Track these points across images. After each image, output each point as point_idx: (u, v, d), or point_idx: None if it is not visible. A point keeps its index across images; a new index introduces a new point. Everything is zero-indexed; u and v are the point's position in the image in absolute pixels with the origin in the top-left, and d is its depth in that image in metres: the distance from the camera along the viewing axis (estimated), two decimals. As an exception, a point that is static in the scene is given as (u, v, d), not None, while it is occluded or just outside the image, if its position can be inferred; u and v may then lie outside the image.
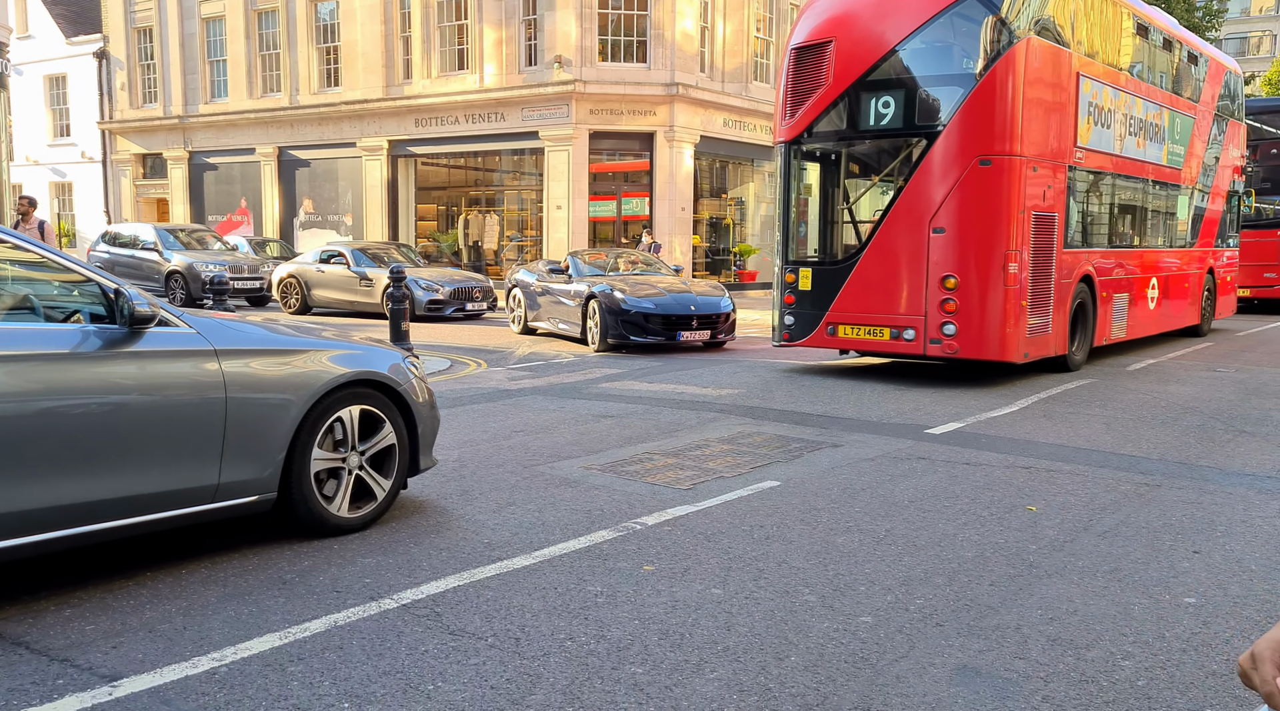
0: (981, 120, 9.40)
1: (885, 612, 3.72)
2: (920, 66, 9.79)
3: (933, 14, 9.57)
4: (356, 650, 3.31)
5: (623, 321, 12.31)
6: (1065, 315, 10.53)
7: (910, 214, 9.67)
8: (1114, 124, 11.43)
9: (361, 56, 25.80)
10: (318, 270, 18.11)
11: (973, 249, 9.47)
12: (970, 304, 9.44)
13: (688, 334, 12.53)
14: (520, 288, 14.98)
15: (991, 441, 7.01)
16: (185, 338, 4.00)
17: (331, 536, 4.53)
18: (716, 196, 26.20)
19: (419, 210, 26.66)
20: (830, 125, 10.34)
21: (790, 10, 26.46)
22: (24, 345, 3.53)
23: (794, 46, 10.47)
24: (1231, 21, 71.06)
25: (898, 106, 9.85)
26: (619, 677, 3.14)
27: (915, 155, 9.78)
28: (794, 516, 5.02)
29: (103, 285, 3.83)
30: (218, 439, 4.02)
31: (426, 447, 5.00)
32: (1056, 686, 3.12)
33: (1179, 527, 4.89)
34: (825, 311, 10.26)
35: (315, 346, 4.51)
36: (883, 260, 9.87)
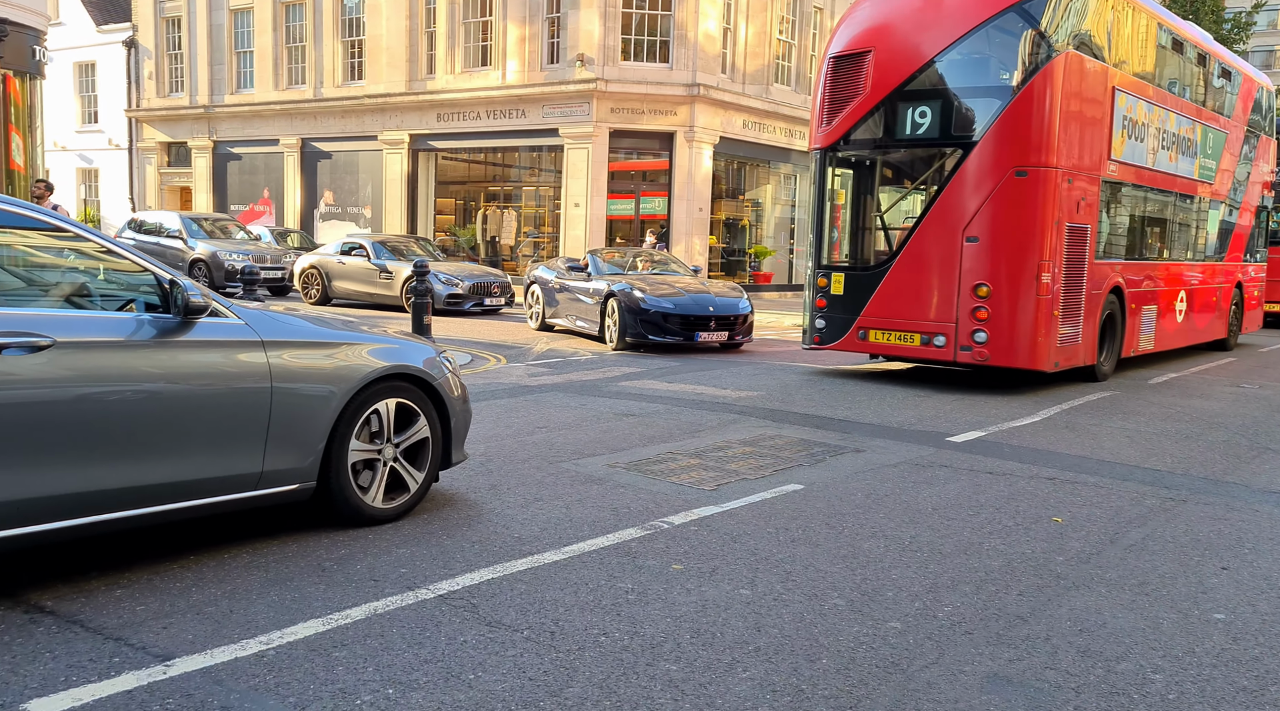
0: (1018, 132, 9.56)
1: (914, 619, 3.76)
2: (958, 78, 9.97)
3: (972, 27, 9.74)
4: (397, 638, 3.37)
5: (641, 320, 12.36)
6: (1095, 326, 10.68)
7: (944, 222, 9.83)
8: (1147, 138, 11.58)
9: (386, 51, 25.92)
10: (339, 262, 18.22)
11: (1006, 258, 9.62)
12: (1002, 312, 9.59)
13: (705, 335, 12.55)
14: (539, 284, 15.03)
15: (1014, 451, 7.04)
16: (234, 328, 4.08)
17: (366, 526, 4.61)
18: (734, 197, 26.23)
19: (438, 204, 26.78)
20: (866, 133, 10.50)
21: (814, 13, 26.47)
22: (83, 332, 3.61)
23: (832, 55, 10.65)
24: (1259, 34, 70.59)
25: (934, 116, 10.02)
26: (654, 674, 3.20)
27: (950, 164, 9.98)
28: (819, 520, 5.06)
29: (158, 275, 3.92)
30: (263, 428, 4.11)
31: (459, 441, 5.08)
32: (1088, 697, 3.16)
33: (1206, 543, 4.91)
34: (856, 316, 10.44)
35: (355, 339, 4.60)
36: (915, 267, 10.04)
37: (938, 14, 10.04)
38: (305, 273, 18.65)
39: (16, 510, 3.40)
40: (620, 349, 12.57)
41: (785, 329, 16.75)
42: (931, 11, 10.13)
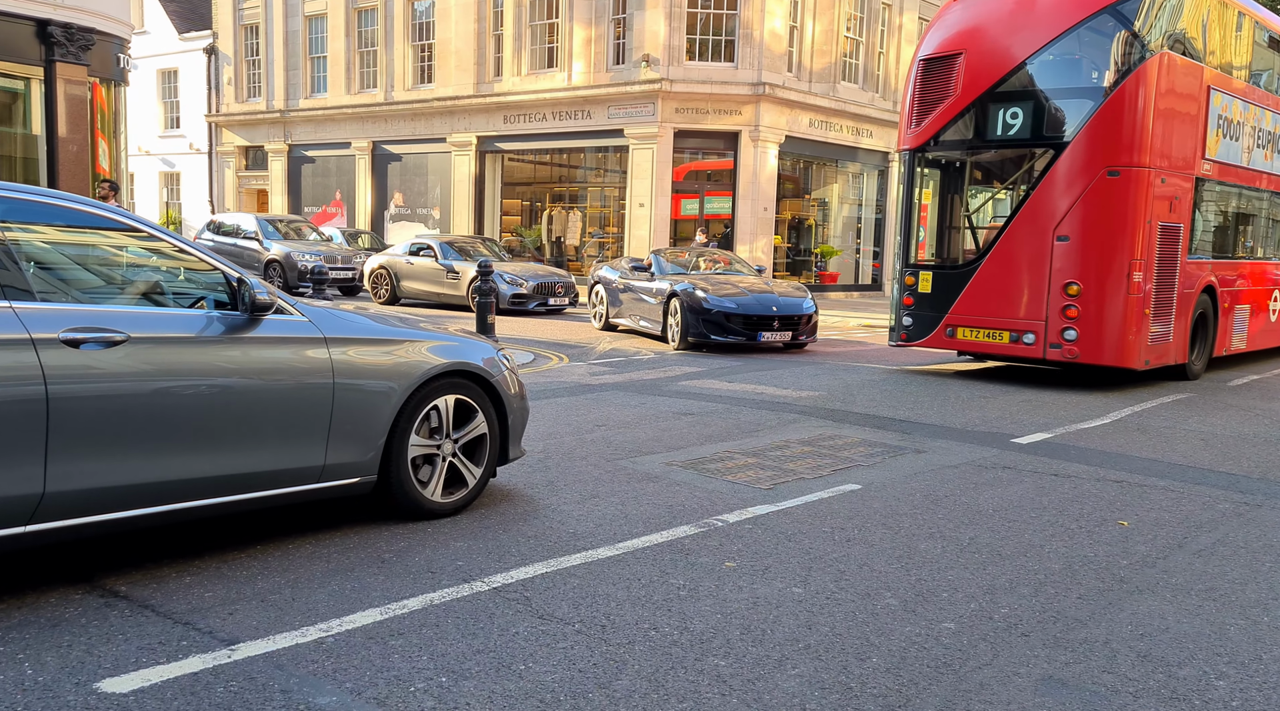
0: (1111, 132, 9.64)
1: (969, 620, 3.72)
2: (1050, 79, 10.09)
3: (1065, 28, 9.86)
4: (451, 628, 3.45)
5: (704, 320, 12.29)
6: (1186, 325, 10.73)
7: (1034, 221, 9.97)
8: (1242, 137, 11.60)
9: (455, 54, 26.34)
10: (407, 262, 18.55)
11: (1097, 257, 9.71)
12: (1092, 310, 9.70)
13: (769, 335, 12.47)
14: (602, 284, 15.09)
15: (1081, 453, 6.88)
16: (299, 325, 4.21)
17: (425, 520, 4.71)
18: (800, 197, 26.03)
19: (504, 205, 27.12)
20: (957, 134, 10.68)
21: (882, 10, 26.12)
22: (155, 328, 3.77)
23: (923, 58, 10.87)
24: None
25: (1026, 117, 10.15)
26: (702, 668, 3.22)
27: (1042, 165, 10.08)
28: (875, 520, 5.02)
29: (227, 274, 4.07)
30: (325, 422, 4.22)
31: (516, 438, 5.16)
32: (1146, 702, 3.09)
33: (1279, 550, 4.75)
34: (945, 314, 10.62)
35: (415, 337, 4.70)
36: (1005, 265, 10.19)
37: (1030, 16, 10.16)
38: (375, 273, 19.04)
39: (97, 498, 3.56)
40: (682, 349, 12.53)
41: (850, 329, 16.59)
42: (1023, 14, 10.23)
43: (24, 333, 3.35)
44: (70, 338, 3.45)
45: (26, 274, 3.51)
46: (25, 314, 3.39)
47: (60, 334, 3.43)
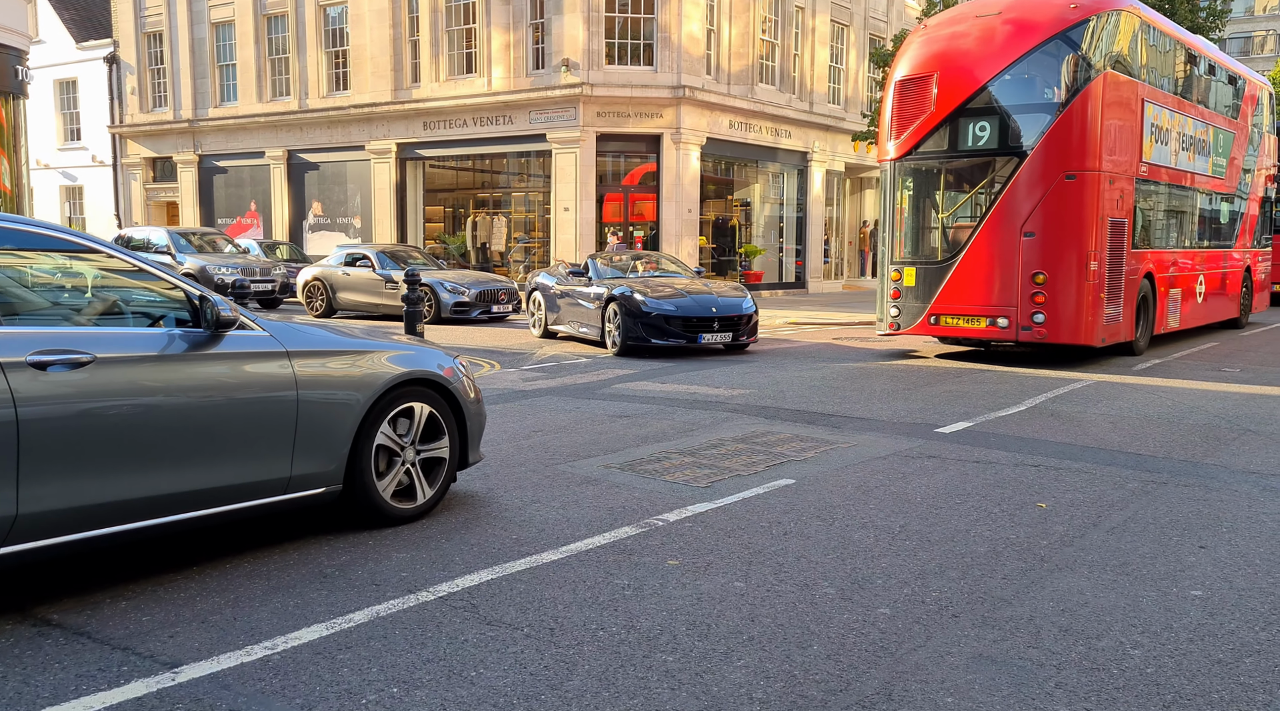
0: (1067, 142, 11.12)
1: (903, 604, 3.87)
2: (1012, 96, 11.49)
3: (1023, 52, 11.33)
4: (400, 639, 3.46)
5: (642, 324, 12.17)
6: (1132, 307, 12.30)
7: (1004, 220, 11.37)
8: (1170, 141, 13.25)
9: (370, 60, 25.99)
10: (343, 273, 18.12)
11: (1059, 250, 11.16)
12: (1057, 296, 11.12)
13: (709, 336, 12.39)
14: (540, 291, 14.85)
15: (1000, 440, 7.16)
16: (260, 340, 4.27)
17: (389, 526, 4.78)
18: (723, 198, 26.35)
19: (427, 212, 26.85)
20: (933, 146, 12.03)
21: (795, 13, 26.61)
22: (119, 348, 3.80)
23: (898, 79, 12.25)
24: (1235, 21, 71.13)
25: (993, 130, 11.62)
26: (651, 665, 3.29)
27: (1008, 171, 11.47)
28: (810, 513, 5.17)
29: (188, 292, 4.12)
30: (290, 434, 4.28)
31: (474, 443, 5.25)
32: (1069, 674, 3.26)
33: (1185, 524, 5.03)
34: (929, 304, 11.94)
35: (374, 347, 4.79)
36: (980, 260, 11.55)
37: (992, 42, 11.55)
38: (309, 285, 18.50)
39: (69, 518, 3.59)
40: (622, 354, 12.39)
41: (777, 327, 16.87)
42: (987, 40, 11.59)
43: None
44: (37, 360, 3.48)
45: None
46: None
47: (28, 357, 3.46)
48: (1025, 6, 11.74)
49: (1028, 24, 11.42)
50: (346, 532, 4.68)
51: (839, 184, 30.13)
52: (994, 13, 11.75)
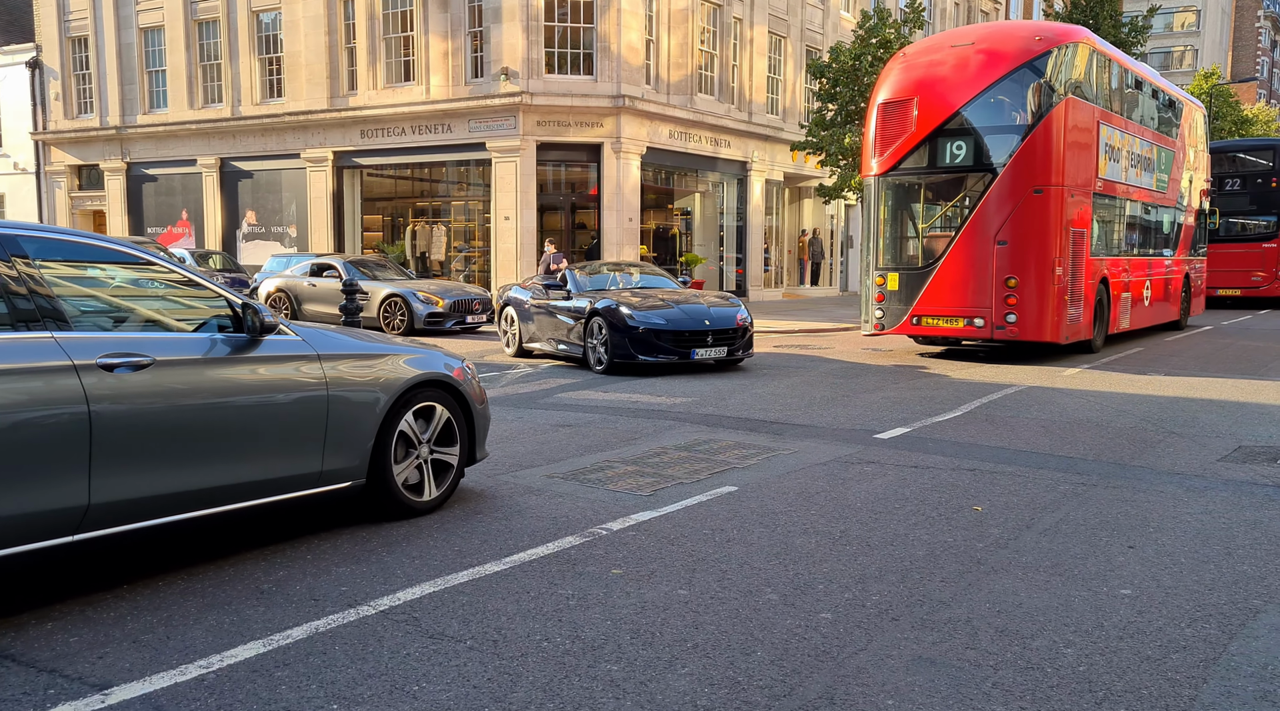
0: (1034, 160, 12.33)
1: (844, 609, 3.92)
2: (985, 119, 12.64)
3: (995, 79, 12.54)
4: (340, 655, 3.40)
5: (630, 339, 11.28)
6: (1091, 308, 13.59)
7: (979, 231, 12.52)
8: (1121, 159, 14.57)
9: (305, 67, 25.60)
10: (309, 284, 17.51)
11: (1028, 257, 12.34)
12: (1027, 299, 12.29)
13: (703, 351, 11.51)
14: (513, 306, 13.68)
15: (937, 445, 7.30)
16: (294, 344, 4.62)
17: (408, 517, 5.10)
18: (663, 207, 26.47)
19: (365, 221, 26.49)
20: (914, 163, 13.15)
21: (734, 24, 26.90)
22: (175, 352, 4.15)
23: (881, 102, 13.34)
24: (1156, 37, 73.77)
25: (968, 149, 12.75)
26: (595, 675, 3.29)
27: (982, 186, 12.63)
28: (753, 520, 5.21)
29: (230, 300, 4.49)
30: (322, 431, 4.62)
31: (481, 440, 5.60)
32: (1005, 673, 3.34)
33: (1114, 524, 5.18)
34: (911, 306, 13.02)
35: (392, 351, 5.17)
36: (957, 266, 12.67)
37: (966, 70, 12.75)
38: (272, 296, 17.90)
39: (132, 508, 3.90)
40: (609, 371, 11.48)
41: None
42: (961, 68, 12.80)
43: (67, 359, 3.71)
44: (105, 362, 3.81)
45: (62, 306, 3.86)
46: (66, 342, 3.75)
47: (97, 359, 3.79)
48: (995, 38, 13.13)
49: (998, 54, 12.63)
50: (284, 547, 4.59)
51: (778, 193, 30.48)
52: (968, 43, 13.11)
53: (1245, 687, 3.24)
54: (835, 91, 23.79)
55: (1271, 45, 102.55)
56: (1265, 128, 59.19)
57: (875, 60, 23.40)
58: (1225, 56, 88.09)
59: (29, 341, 3.67)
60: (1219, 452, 7.11)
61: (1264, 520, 5.29)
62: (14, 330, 3.66)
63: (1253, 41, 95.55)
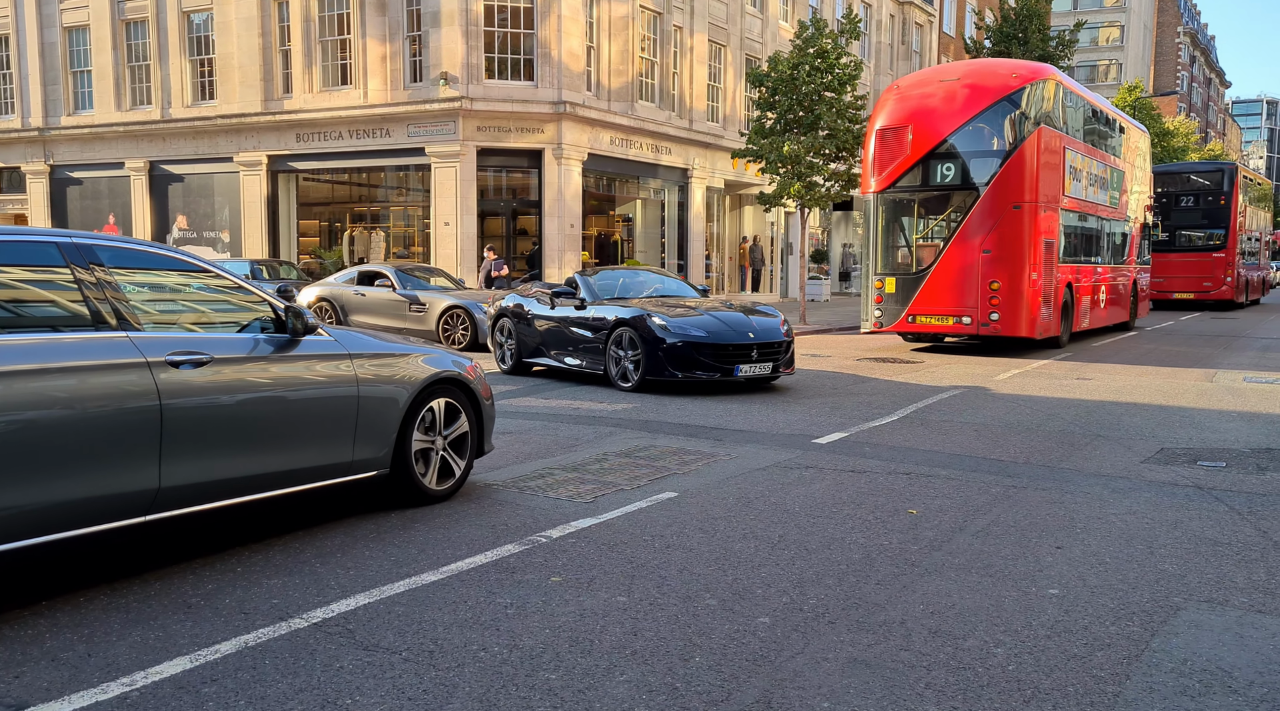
0: (1013, 180, 14.43)
1: (782, 613, 3.95)
2: (970, 144, 14.70)
3: (979, 110, 14.64)
4: (270, 669, 3.33)
5: (665, 354, 10.15)
6: (1059, 309, 15.71)
7: (966, 241, 14.66)
8: (1082, 178, 16.79)
9: (238, 69, 25.10)
10: (357, 293, 16.03)
11: (1009, 264, 14.44)
12: (1007, 300, 14.40)
13: (747, 367, 10.35)
14: (510, 317, 12.38)
15: (874, 449, 7.40)
16: (328, 344, 5.04)
17: (426, 505, 5.51)
18: (605, 213, 26.49)
19: (301, 226, 26.04)
20: (909, 182, 15.24)
21: (674, 31, 27.06)
22: (229, 350, 4.54)
23: (879, 128, 15.45)
24: (1082, 50, 76.08)
25: (956, 170, 14.85)
26: (533, 684, 3.26)
27: (968, 202, 14.72)
28: (692, 525, 5.23)
29: (274, 304, 4.90)
30: (352, 423, 5.04)
31: (488, 433, 6.03)
32: (938, 674, 3.39)
33: (1043, 526, 5.31)
34: (906, 306, 15.10)
35: (411, 351, 5.59)
36: (948, 271, 14.75)
37: (954, 102, 14.86)
38: (314, 306, 16.21)
39: (195, 492, 4.29)
40: (637, 390, 10.43)
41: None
42: (950, 99, 14.90)
43: (141, 357, 4.11)
44: (173, 360, 4.22)
45: (134, 309, 4.26)
46: (139, 341, 4.16)
47: (166, 357, 4.20)
48: (978, 74, 15.27)
49: (981, 88, 14.75)
50: (212, 560, 4.48)
51: (719, 200, 30.71)
52: (954, 78, 15.27)
53: (1166, 683, 3.34)
54: (774, 100, 24.04)
55: (1190, 60, 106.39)
56: (1185, 139, 61.46)
57: (813, 69, 23.75)
58: (1148, 70, 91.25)
59: (108, 340, 4.06)
60: (1142, 454, 7.34)
61: (1184, 520, 5.47)
62: (95, 330, 4.05)
63: (1173, 56, 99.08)
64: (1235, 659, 3.54)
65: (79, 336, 4.00)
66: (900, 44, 39.67)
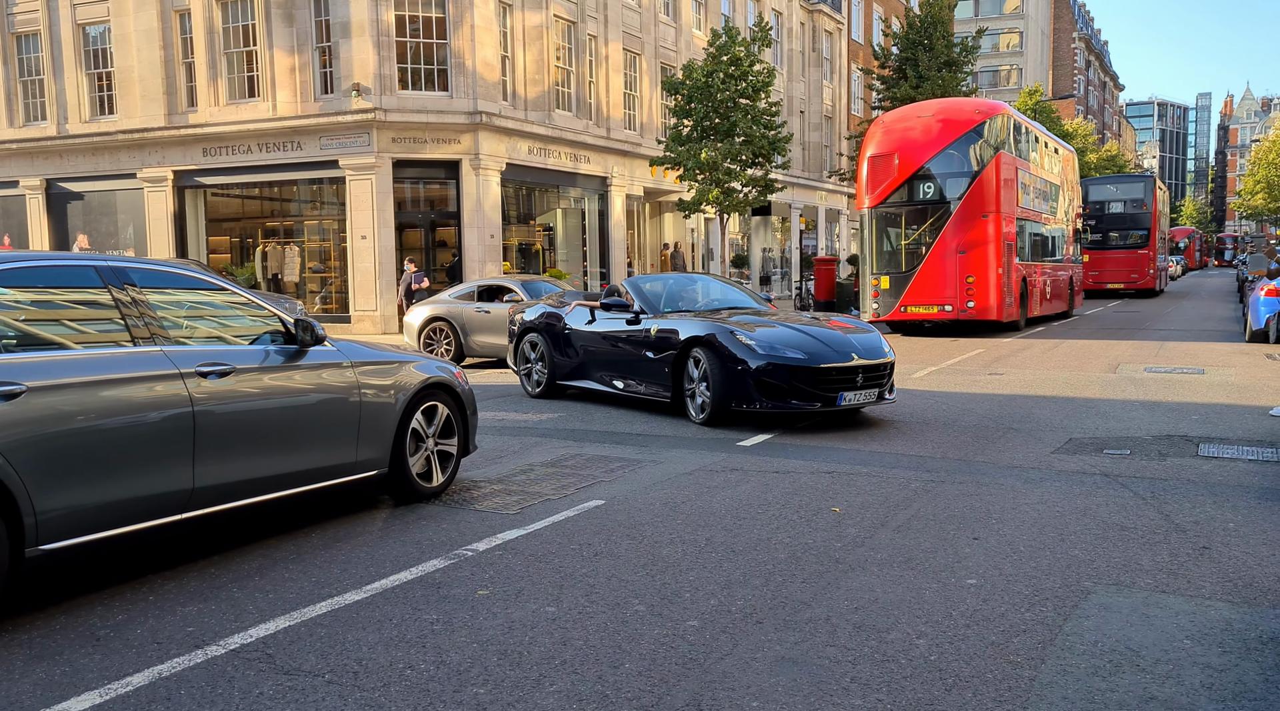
0: (982, 196, 18.32)
1: (710, 615, 3.97)
2: (945, 167, 18.63)
3: (952, 140, 18.55)
4: (186, 699, 3.21)
5: (752, 378, 8.31)
6: (1018, 298, 19.55)
7: (946, 244, 18.51)
8: (1031, 193, 21.00)
9: (139, 83, 24.29)
10: (478, 311, 14.61)
11: (981, 262, 18.27)
12: (980, 291, 18.26)
13: (851, 395, 8.41)
14: (540, 332, 10.80)
15: (797, 450, 7.51)
16: (330, 353, 5.43)
17: (420, 501, 5.92)
18: (525, 223, 26.36)
19: (210, 243, 25.29)
20: (896, 198, 19.08)
21: (589, 41, 27.12)
22: (248, 361, 4.92)
23: (870, 155, 19.41)
24: (985, 57, 78.62)
25: (935, 188, 18.76)
26: (461, 700, 3.22)
27: (946, 214, 18.56)
28: (620, 532, 5.22)
29: (283, 318, 5.29)
30: (355, 427, 5.44)
31: (473, 434, 6.42)
32: (863, 668, 3.45)
33: (961, 518, 5.46)
34: (899, 298, 18.89)
35: (404, 359, 5.99)
36: (931, 270, 18.60)
37: (931, 133, 18.82)
38: (429, 327, 14.95)
39: (224, 491, 4.67)
40: (711, 423, 8.68)
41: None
42: (927, 132, 18.87)
43: (174, 369, 4.51)
44: (202, 370, 4.61)
45: (165, 325, 4.66)
46: (173, 355, 4.56)
47: (197, 368, 4.59)
48: (949, 110, 19.39)
49: (951, 122, 18.76)
50: (122, 589, 4.31)
51: (639, 208, 30.84)
52: (930, 114, 19.25)
53: (1079, 665, 3.45)
54: (690, 107, 24.29)
55: (1086, 65, 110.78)
56: (1084, 141, 64.10)
57: (727, 77, 24.05)
58: (1046, 75, 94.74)
59: (145, 355, 4.45)
60: (1052, 445, 7.59)
61: (1092, 507, 5.68)
62: (134, 346, 4.44)
63: (1069, 61, 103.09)
64: (1143, 638, 3.69)
65: (120, 351, 4.39)
66: (811, 51, 40.45)
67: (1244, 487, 6.14)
